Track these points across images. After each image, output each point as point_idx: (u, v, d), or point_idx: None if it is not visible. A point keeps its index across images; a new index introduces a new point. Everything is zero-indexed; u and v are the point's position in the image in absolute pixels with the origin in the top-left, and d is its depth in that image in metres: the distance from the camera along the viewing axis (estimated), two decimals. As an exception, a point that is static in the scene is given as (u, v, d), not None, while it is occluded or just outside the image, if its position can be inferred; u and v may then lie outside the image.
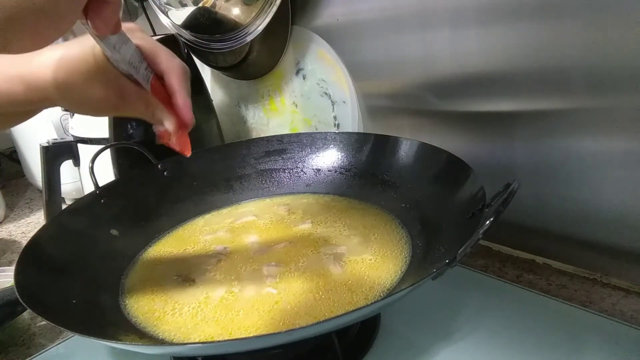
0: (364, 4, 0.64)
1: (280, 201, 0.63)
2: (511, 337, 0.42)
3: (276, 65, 0.80)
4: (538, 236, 0.56)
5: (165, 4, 0.77)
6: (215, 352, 0.39)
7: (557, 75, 0.48)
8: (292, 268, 0.48)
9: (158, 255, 0.54)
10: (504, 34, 0.51)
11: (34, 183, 1.03)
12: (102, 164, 0.66)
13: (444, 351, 0.42)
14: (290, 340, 0.34)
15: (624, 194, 0.48)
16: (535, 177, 0.53)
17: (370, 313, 0.39)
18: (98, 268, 0.49)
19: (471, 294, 0.49)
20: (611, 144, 0.47)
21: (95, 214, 0.55)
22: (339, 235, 0.53)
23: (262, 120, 0.89)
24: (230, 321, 0.41)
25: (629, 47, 0.43)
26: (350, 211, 0.57)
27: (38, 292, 0.40)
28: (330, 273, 0.46)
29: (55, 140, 0.73)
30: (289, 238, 0.53)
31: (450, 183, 0.48)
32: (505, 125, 0.55)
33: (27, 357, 0.50)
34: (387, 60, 0.64)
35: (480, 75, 0.55)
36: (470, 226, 0.38)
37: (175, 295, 0.46)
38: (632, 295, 0.48)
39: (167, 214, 0.60)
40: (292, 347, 0.42)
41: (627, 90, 0.44)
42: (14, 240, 0.85)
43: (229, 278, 0.48)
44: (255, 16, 0.69)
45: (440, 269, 0.33)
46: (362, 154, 0.62)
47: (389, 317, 0.46)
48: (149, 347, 0.40)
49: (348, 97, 0.71)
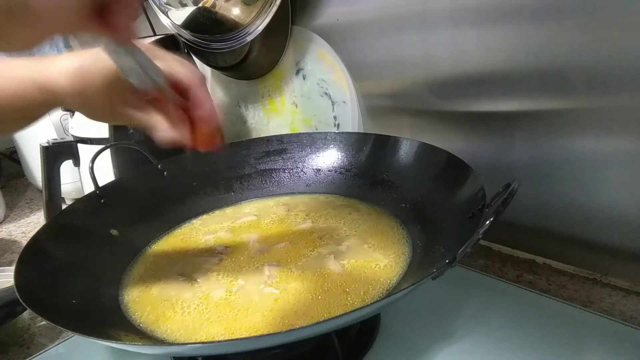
0: (364, 4, 0.64)
1: (280, 201, 0.63)
2: (511, 337, 0.42)
3: (276, 65, 0.80)
4: (538, 236, 0.56)
5: (165, 4, 0.77)
6: (215, 352, 0.39)
7: (557, 75, 0.48)
8: (292, 268, 0.48)
9: (158, 255, 0.54)
10: (504, 34, 0.51)
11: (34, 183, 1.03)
12: (102, 164, 0.66)
13: (444, 351, 0.42)
14: (290, 340, 0.35)
15: (624, 194, 0.48)
16: (535, 177, 0.53)
17: (370, 313, 0.39)
18: (98, 268, 0.49)
19: (471, 294, 0.49)
20: (611, 144, 0.47)
21: (95, 214, 0.55)
22: (339, 235, 0.53)
23: (262, 120, 0.89)
24: (233, 321, 0.41)
25: (629, 47, 0.43)
26: (351, 211, 0.57)
27: (38, 292, 0.40)
28: (330, 273, 0.46)
29: (55, 140, 0.73)
30: (289, 238, 0.53)
31: (450, 183, 0.48)
32: (505, 125, 0.55)
33: (27, 357, 0.50)
34: (387, 60, 0.64)
35: (480, 75, 0.55)
36: (470, 226, 0.38)
37: (176, 295, 0.46)
38: (632, 295, 0.48)
39: (167, 214, 0.60)
40: (293, 347, 0.42)
41: (627, 90, 0.44)
42: (14, 240, 0.85)
43: (230, 278, 0.48)
44: (255, 16, 0.69)
45: (440, 269, 0.33)
46: (362, 154, 0.62)
47: (389, 317, 0.46)
48: (149, 347, 0.40)
49: (348, 97, 0.71)
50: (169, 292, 0.47)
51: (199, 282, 0.48)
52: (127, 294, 0.47)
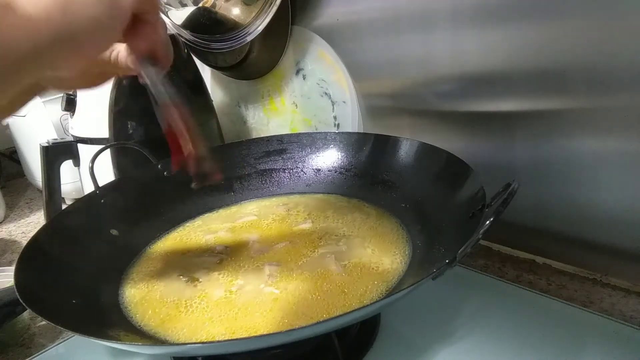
0: (364, 4, 0.64)
1: (281, 201, 0.63)
2: (511, 337, 0.42)
3: (276, 65, 0.80)
4: (538, 236, 0.56)
5: (165, 4, 0.77)
6: (215, 352, 0.39)
7: (557, 75, 0.48)
8: (292, 268, 0.48)
9: (158, 255, 0.54)
10: (504, 34, 0.51)
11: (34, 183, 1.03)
12: (102, 164, 0.66)
13: (444, 351, 0.42)
14: (289, 340, 0.35)
15: (624, 194, 0.48)
16: (535, 177, 0.53)
17: (370, 313, 0.39)
18: (98, 268, 0.49)
19: (471, 294, 0.49)
20: (611, 144, 0.47)
21: (95, 214, 0.55)
22: (339, 235, 0.53)
23: (262, 120, 0.89)
24: (233, 320, 0.41)
25: (629, 47, 0.43)
26: (351, 211, 0.57)
27: (38, 292, 0.40)
28: (330, 273, 0.46)
29: (55, 140, 0.73)
30: (289, 238, 0.53)
31: (450, 183, 0.48)
32: (505, 125, 0.55)
33: (27, 357, 0.50)
34: (387, 60, 0.64)
35: (480, 75, 0.55)
36: (470, 226, 0.38)
37: (176, 294, 0.46)
38: (632, 295, 0.48)
39: (167, 214, 0.60)
40: (293, 347, 0.42)
41: (627, 90, 0.44)
42: (14, 240, 0.85)
43: (230, 277, 0.48)
44: (255, 16, 0.69)
45: (440, 269, 0.33)
46: (362, 154, 0.62)
47: (389, 317, 0.46)
48: (149, 347, 0.40)
49: (348, 97, 0.71)
50: (169, 292, 0.47)
51: (200, 281, 0.48)
52: (127, 294, 0.47)
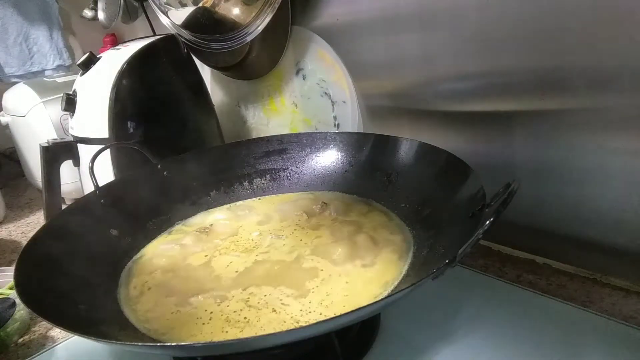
0: (364, 4, 0.64)
1: (281, 201, 0.63)
2: (511, 337, 0.42)
3: (276, 65, 0.80)
4: (538, 236, 0.56)
5: (165, 4, 0.77)
6: (215, 352, 0.39)
7: (557, 75, 0.48)
8: (292, 267, 0.47)
9: (158, 255, 0.54)
10: (504, 34, 0.51)
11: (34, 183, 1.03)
12: (102, 164, 0.66)
13: (444, 351, 0.42)
14: (289, 340, 0.35)
15: (624, 194, 0.48)
16: (535, 177, 0.53)
17: (370, 313, 0.39)
18: (98, 268, 0.49)
19: (471, 294, 0.49)
20: (611, 144, 0.47)
21: (95, 214, 0.55)
22: (338, 234, 0.53)
23: (262, 120, 0.89)
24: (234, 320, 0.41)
25: (629, 47, 0.43)
26: (350, 211, 0.57)
27: (38, 292, 0.40)
28: (330, 272, 0.46)
29: (55, 140, 0.73)
30: (289, 237, 0.53)
31: (450, 183, 0.48)
32: (505, 125, 0.55)
33: (27, 357, 0.50)
34: (387, 60, 0.64)
35: (480, 75, 0.55)
36: (470, 226, 0.38)
37: (176, 294, 0.46)
38: (632, 295, 0.48)
39: (167, 214, 0.60)
40: (292, 347, 0.42)
41: (627, 90, 0.44)
42: (14, 240, 0.85)
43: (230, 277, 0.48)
44: (255, 16, 0.69)
45: (440, 269, 0.33)
46: (362, 154, 0.62)
47: (389, 317, 0.46)
48: (149, 347, 0.40)
49: (348, 97, 0.71)
50: (169, 292, 0.47)
51: (200, 281, 0.48)
52: (127, 294, 0.47)
